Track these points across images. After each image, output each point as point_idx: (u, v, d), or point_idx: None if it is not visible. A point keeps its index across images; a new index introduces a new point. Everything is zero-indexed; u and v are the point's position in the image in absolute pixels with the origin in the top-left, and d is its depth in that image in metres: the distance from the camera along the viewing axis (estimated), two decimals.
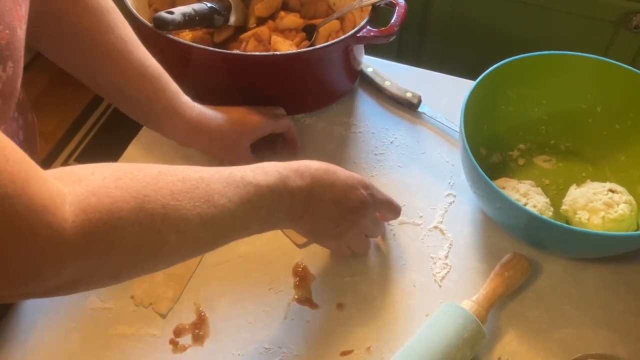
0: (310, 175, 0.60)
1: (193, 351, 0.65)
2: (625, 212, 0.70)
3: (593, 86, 0.79)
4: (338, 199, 0.62)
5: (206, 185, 0.49)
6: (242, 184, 0.53)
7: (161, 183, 0.46)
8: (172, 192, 0.46)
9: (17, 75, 0.48)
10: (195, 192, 0.48)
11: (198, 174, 0.50)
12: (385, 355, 0.65)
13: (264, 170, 0.56)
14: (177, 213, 0.46)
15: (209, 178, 0.50)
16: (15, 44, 0.46)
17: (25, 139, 0.63)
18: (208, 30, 0.89)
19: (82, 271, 0.43)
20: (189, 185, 0.48)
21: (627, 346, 0.65)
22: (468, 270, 0.72)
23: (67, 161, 1.94)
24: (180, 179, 0.48)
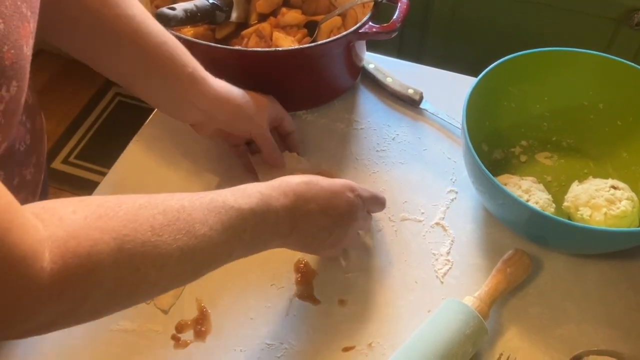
0: (292, 190, 0.59)
1: (195, 347, 0.66)
2: (628, 209, 0.70)
3: (595, 83, 0.79)
4: (325, 208, 0.61)
5: (187, 215, 0.49)
6: (224, 209, 0.52)
7: (142, 218, 0.46)
8: (152, 228, 0.46)
9: (21, 94, 0.48)
10: (177, 224, 0.48)
11: (179, 203, 0.49)
12: (387, 351, 0.65)
13: (245, 192, 0.55)
14: (157, 249, 0.46)
15: (190, 207, 0.50)
16: (21, 63, 0.46)
17: (33, 142, 0.62)
18: (209, 26, 0.88)
19: (56, 315, 0.43)
20: (170, 217, 0.47)
21: (628, 342, 0.65)
22: (470, 267, 0.72)
23: (67, 159, 1.94)
24: (161, 212, 0.47)
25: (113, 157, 0.83)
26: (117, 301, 0.47)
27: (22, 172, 0.62)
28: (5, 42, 0.43)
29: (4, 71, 0.44)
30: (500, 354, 0.65)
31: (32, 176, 0.64)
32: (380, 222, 0.76)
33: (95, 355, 0.65)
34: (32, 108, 0.64)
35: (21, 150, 0.60)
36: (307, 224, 0.60)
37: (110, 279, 0.44)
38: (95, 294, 0.43)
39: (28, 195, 0.65)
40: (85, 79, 2.14)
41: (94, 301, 0.44)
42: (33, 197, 0.67)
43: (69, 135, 2.01)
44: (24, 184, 0.63)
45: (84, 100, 2.11)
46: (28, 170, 0.63)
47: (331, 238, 0.63)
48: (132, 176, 0.81)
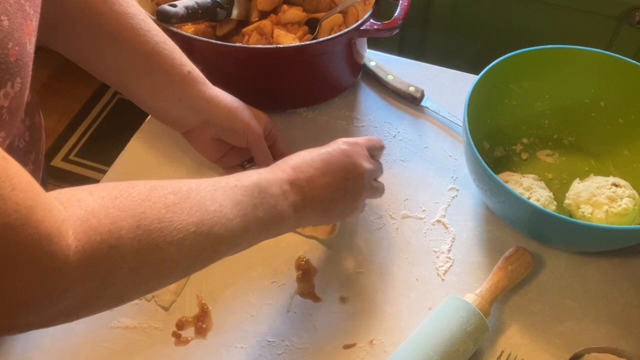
0: (288, 165, 0.59)
1: (196, 344, 0.66)
2: (629, 206, 0.70)
3: (596, 80, 0.79)
4: (325, 168, 0.60)
5: (196, 194, 0.50)
6: (228, 187, 0.53)
7: (155, 198, 0.47)
8: (166, 205, 0.47)
9: (24, 90, 0.48)
10: (187, 201, 0.49)
11: (187, 185, 0.50)
12: (388, 349, 0.65)
13: (243, 174, 0.56)
14: (173, 225, 0.47)
15: (197, 187, 0.51)
16: (25, 60, 0.46)
17: (32, 139, 0.62)
18: (210, 23, 0.88)
19: (85, 295, 0.43)
20: (180, 196, 0.49)
21: (629, 340, 0.65)
22: (471, 264, 0.72)
23: (68, 156, 1.94)
24: (172, 192, 0.48)
25: (113, 154, 0.83)
26: (141, 282, 0.47)
27: None
28: (9, 38, 0.43)
29: (9, 68, 0.44)
30: (502, 351, 0.65)
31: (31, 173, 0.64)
32: (381, 220, 0.76)
33: (96, 352, 0.65)
34: (31, 106, 0.64)
35: (20, 147, 0.60)
36: (315, 189, 0.59)
37: (133, 256, 0.44)
38: (120, 271, 0.44)
39: None
40: (85, 76, 2.11)
41: (119, 280, 0.44)
42: None
43: (69, 133, 2.00)
44: None
45: (84, 98, 2.11)
46: (27, 167, 0.63)
47: (348, 195, 0.62)
48: (132, 173, 0.80)
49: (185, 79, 0.69)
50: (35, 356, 0.64)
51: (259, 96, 0.85)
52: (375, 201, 0.77)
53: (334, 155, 0.61)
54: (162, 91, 0.70)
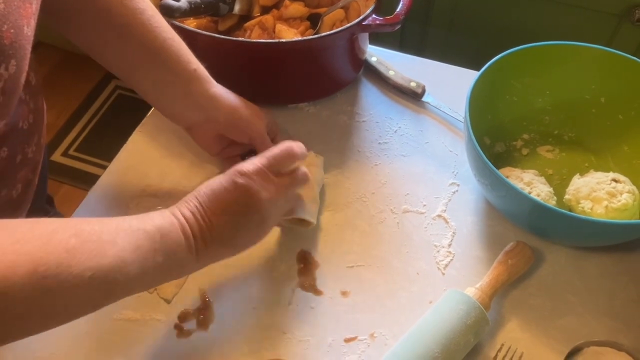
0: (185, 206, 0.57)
1: (197, 336, 0.66)
2: (628, 202, 0.70)
3: (597, 77, 0.79)
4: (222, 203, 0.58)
5: (97, 237, 0.49)
6: (131, 230, 0.52)
7: (55, 241, 0.46)
8: (66, 250, 0.46)
9: (20, 72, 0.48)
10: (88, 245, 0.48)
11: (90, 227, 0.50)
12: (389, 342, 0.65)
13: (148, 216, 0.55)
14: (70, 270, 0.46)
15: (100, 230, 0.50)
16: (21, 42, 0.46)
17: (35, 121, 0.63)
18: (212, 18, 0.88)
19: None
20: (81, 239, 0.48)
21: (629, 334, 0.66)
22: (471, 259, 0.72)
23: (67, 152, 1.94)
24: (74, 234, 0.48)
25: (112, 150, 0.83)
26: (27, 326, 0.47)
27: (24, 150, 0.62)
28: (4, 21, 0.44)
29: (3, 50, 0.44)
30: (502, 345, 0.65)
31: (33, 154, 0.65)
32: (382, 214, 0.76)
33: (98, 344, 0.65)
34: (35, 88, 0.64)
35: (24, 128, 0.61)
36: (215, 230, 0.57)
37: (21, 302, 0.44)
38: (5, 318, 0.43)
39: (29, 172, 0.66)
40: (84, 71, 2.14)
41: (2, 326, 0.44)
42: (33, 175, 0.68)
43: (68, 128, 2.00)
44: (26, 161, 0.63)
45: (84, 93, 2.11)
46: (30, 148, 0.64)
47: (251, 226, 0.60)
48: (134, 166, 0.81)
49: (190, 76, 0.69)
50: (38, 348, 0.65)
51: (261, 91, 0.85)
52: (377, 196, 0.78)
53: (229, 191, 0.59)
54: (167, 87, 0.70)
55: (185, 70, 0.69)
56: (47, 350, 0.65)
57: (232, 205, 0.58)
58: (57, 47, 2.09)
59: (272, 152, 0.62)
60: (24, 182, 0.65)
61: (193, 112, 0.72)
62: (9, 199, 0.63)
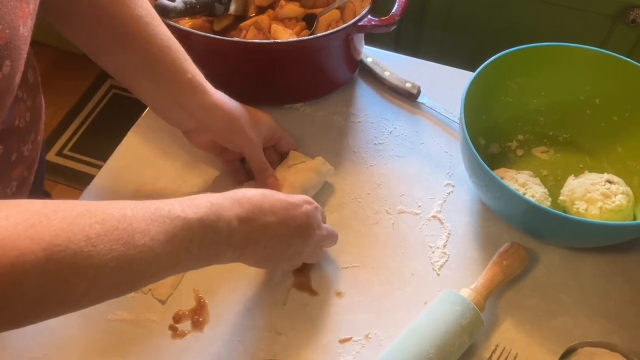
0: (248, 200, 0.57)
1: (192, 337, 0.66)
2: (623, 203, 0.71)
3: (592, 78, 0.79)
4: (283, 219, 0.59)
5: (127, 224, 0.47)
6: (169, 218, 0.50)
7: (77, 228, 0.44)
8: (87, 237, 0.44)
9: (14, 73, 0.47)
10: (114, 233, 0.46)
11: (120, 212, 0.47)
12: (384, 342, 0.65)
13: (194, 202, 0.53)
14: (89, 260, 0.44)
15: (132, 216, 0.48)
16: (16, 43, 0.46)
17: (32, 119, 0.63)
18: (208, 18, 0.88)
19: None
20: (108, 227, 0.45)
21: (623, 334, 0.66)
22: (466, 259, 0.72)
23: (62, 151, 1.94)
24: (100, 221, 0.45)
25: (108, 149, 0.83)
26: (39, 313, 0.44)
27: (20, 148, 0.62)
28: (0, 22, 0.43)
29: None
30: (496, 345, 0.65)
31: (29, 152, 0.64)
32: (377, 215, 0.76)
33: (93, 345, 0.65)
34: (33, 86, 0.64)
35: (21, 126, 0.61)
36: (265, 235, 0.58)
37: (34, 290, 0.42)
38: (16, 303, 0.42)
39: (24, 170, 0.65)
40: (79, 71, 2.13)
41: (14, 312, 0.43)
42: (29, 172, 0.68)
43: (63, 128, 2.00)
44: (21, 159, 0.63)
45: (79, 93, 2.10)
46: (26, 146, 0.63)
47: (290, 250, 0.62)
48: (129, 166, 0.81)
49: (186, 86, 0.68)
50: (33, 349, 0.64)
51: (256, 91, 0.85)
52: (372, 196, 0.78)
53: (296, 210, 0.60)
54: (161, 96, 0.70)
55: (181, 80, 0.68)
56: (40, 351, 0.64)
57: (294, 222, 0.60)
58: (52, 46, 2.08)
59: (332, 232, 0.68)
60: (18, 179, 0.65)
61: (188, 121, 0.71)
62: (2, 196, 0.63)
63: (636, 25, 1.23)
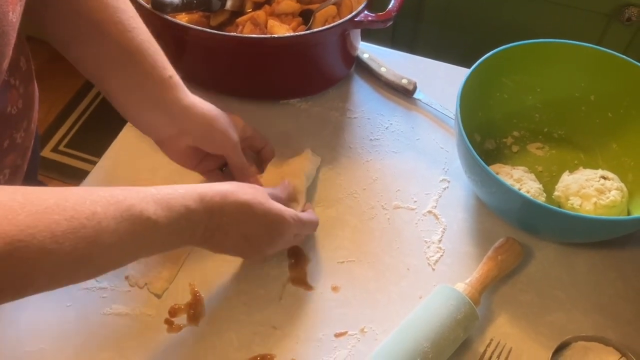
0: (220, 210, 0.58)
1: (188, 331, 0.66)
2: (617, 199, 0.71)
3: (587, 75, 0.79)
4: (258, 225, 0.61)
5: (96, 223, 0.47)
6: (140, 219, 0.50)
7: (43, 224, 0.44)
8: (53, 234, 0.44)
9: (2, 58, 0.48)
10: (81, 232, 0.46)
11: (91, 209, 0.47)
12: (379, 336, 0.66)
13: (169, 204, 0.54)
14: (52, 256, 0.44)
15: (103, 213, 0.48)
16: (4, 28, 0.46)
17: (24, 107, 0.63)
18: (204, 13, 0.88)
19: None
20: (75, 224, 0.45)
21: (616, 329, 0.66)
22: (461, 254, 0.73)
23: (57, 147, 1.93)
24: (68, 218, 0.45)
25: (103, 146, 0.83)
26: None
27: (12, 135, 0.62)
28: None
29: None
30: (491, 340, 0.65)
31: (22, 140, 0.64)
32: (373, 210, 0.76)
33: (89, 339, 0.65)
34: (26, 74, 0.64)
35: (13, 113, 0.61)
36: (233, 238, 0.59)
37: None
38: None
39: (17, 158, 0.65)
40: (74, 67, 2.12)
41: None
42: (22, 160, 0.67)
43: (58, 124, 1.99)
44: (13, 146, 0.63)
45: (74, 89, 2.10)
46: (19, 134, 0.63)
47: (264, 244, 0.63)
48: (125, 161, 0.81)
49: (164, 82, 0.66)
50: (28, 342, 0.64)
51: (253, 87, 0.85)
52: (368, 192, 0.78)
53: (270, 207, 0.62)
54: (139, 91, 0.67)
55: (159, 76, 0.65)
56: (36, 345, 0.64)
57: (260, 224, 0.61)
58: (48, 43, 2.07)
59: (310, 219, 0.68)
60: (11, 167, 0.64)
61: (164, 122, 0.67)
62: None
63: (631, 24, 1.24)
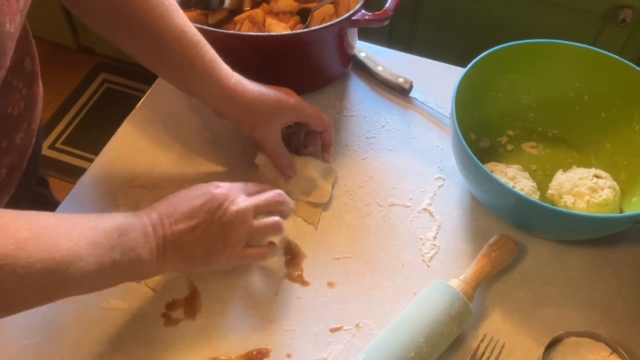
0: (155, 209, 0.59)
1: (185, 325, 0.66)
2: (609, 197, 0.72)
3: (581, 75, 0.80)
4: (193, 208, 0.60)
5: (52, 230, 0.50)
6: (88, 227, 0.53)
7: (7, 233, 0.46)
8: (17, 241, 0.46)
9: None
10: (41, 238, 0.48)
11: (45, 220, 0.50)
12: (374, 332, 0.66)
13: (110, 215, 0.56)
14: (19, 262, 0.46)
15: (55, 223, 0.51)
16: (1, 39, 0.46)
17: (26, 108, 0.63)
18: (203, 11, 0.89)
19: None
20: (35, 232, 0.48)
21: (607, 325, 0.67)
22: (455, 251, 0.73)
23: (55, 144, 1.93)
24: (26, 228, 0.48)
25: (100, 143, 0.83)
26: None
27: (11, 136, 0.62)
28: None
29: None
30: (484, 335, 0.66)
31: (21, 140, 0.65)
32: (369, 207, 0.77)
33: (86, 333, 0.65)
34: (30, 75, 0.64)
35: (14, 114, 0.61)
36: (178, 234, 0.59)
37: None
38: None
39: (15, 157, 0.66)
40: (72, 64, 2.13)
41: None
42: (21, 160, 0.68)
43: (56, 121, 1.99)
44: (12, 147, 0.63)
45: (72, 87, 2.10)
46: (18, 134, 0.64)
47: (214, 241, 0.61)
48: (123, 157, 0.81)
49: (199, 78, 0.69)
50: (26, 336, 0.65)
51: None
52: (364, 189, 0.79)
53: (199, 197, 0.61)
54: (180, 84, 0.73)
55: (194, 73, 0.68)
56: (33, 339, 0.65)
57: (198, 210, 0.60)
58: (45, 40, 2.07)
59: (264, 193, 0.65)
60: (9, 167, 0.65)
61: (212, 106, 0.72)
62: None
63: (626, 25, 1.25)
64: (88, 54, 2.12)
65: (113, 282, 0.57)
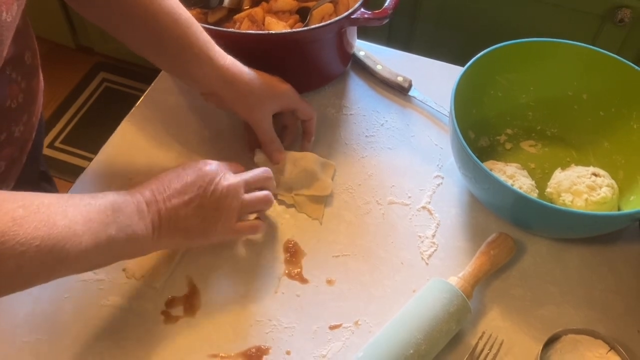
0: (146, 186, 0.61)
1: (184, 322, 0.67)
2: (607, 195, 0.72)
3: (580, 74, 0.81)
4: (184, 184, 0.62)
5: (46, 208, 0.50)
6: (82, 204, 0.54)
7: (3, 210, 0.47)
8: (13, 219, 0.47)
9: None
10: (36, 215, 0.49)
11: (39, 199, 0.51)
12: (373, 329, 0.67)
13: (103, 193, 0.57)
14: (16, 238, 0.47)
15: (49, 202, 0.51)
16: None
17: (25, 101, 0.63)
18: (202, 10, 0.89)
19: None
20: (30, 210, 0.49)
21: (606, 323, 0.68)
22: (454, 249, 0.74)
23: (54, 143, 1.93)
24: (22, 205, 0.49)
25: (99, 142, 0.83)
26: None
27: (10, 129, 0.62)
28: None
29: None
30: (483, 332, 0.66)
31: (20, 134, 0.65)
32: (368, 205, 0.77)
33: (86, 330, 0.66)
34: (29, 68, 0.64)
35: (12, 107, 0.61)
36: (172, 209, 0.60)
37: None
38: None
39: (14, 151, 0.66)
40: (71, 63, 2.13)
41: None
42: (20, 153, 0.68)
43: (55, 120, 2.00)
44: (11, 140, 0.63)
45: (71, 86, 2.10)
46: (18, 127, 0.64)
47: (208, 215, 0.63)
48: (122, 156, 0.81)
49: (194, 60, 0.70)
50: (26, 333, 0.65)
51: None
52: (363, 187, 0.79)
53: (190, 174, 0.63)
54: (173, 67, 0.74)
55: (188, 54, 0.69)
56: (33, 336, 0.65)
57: (191, 186, 0.62)
58: (44, 39, 2.07)
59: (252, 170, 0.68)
60: (8, 160, 0.65)
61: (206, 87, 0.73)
62: None
63: (624, 25, 1.25)
64: (87, 53, 2.12)
65: (110, 259, 0.57)
